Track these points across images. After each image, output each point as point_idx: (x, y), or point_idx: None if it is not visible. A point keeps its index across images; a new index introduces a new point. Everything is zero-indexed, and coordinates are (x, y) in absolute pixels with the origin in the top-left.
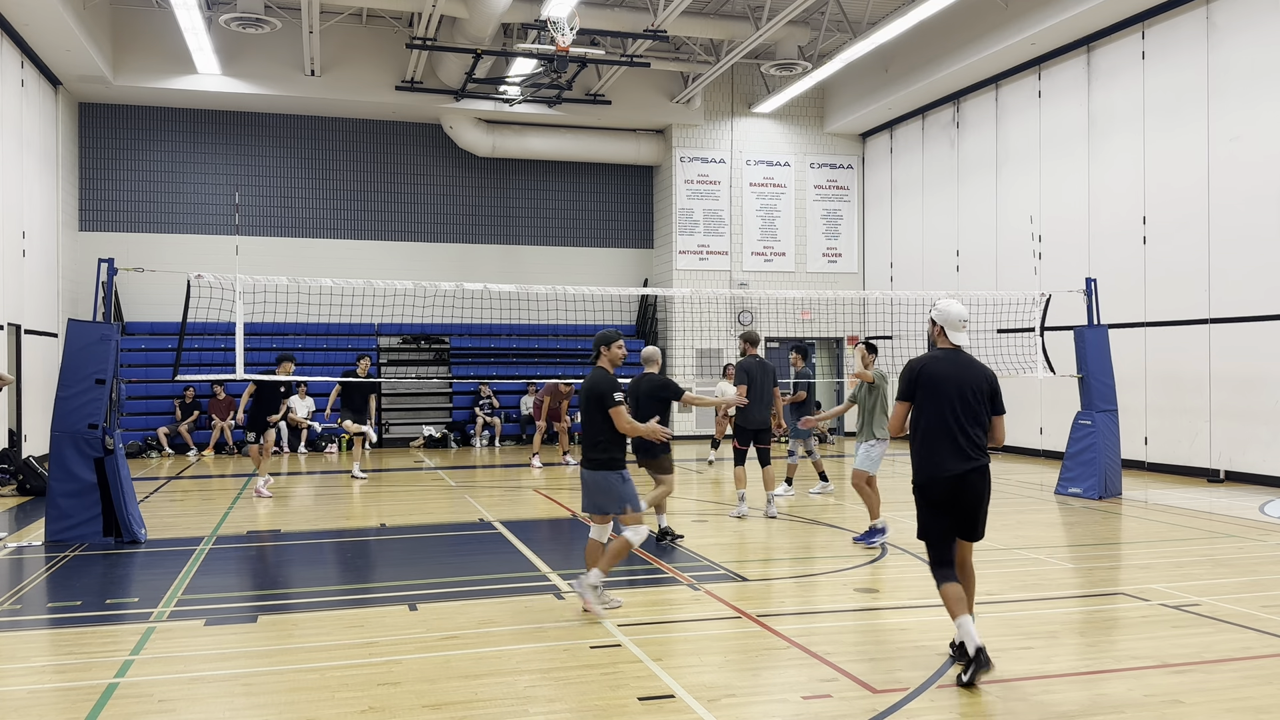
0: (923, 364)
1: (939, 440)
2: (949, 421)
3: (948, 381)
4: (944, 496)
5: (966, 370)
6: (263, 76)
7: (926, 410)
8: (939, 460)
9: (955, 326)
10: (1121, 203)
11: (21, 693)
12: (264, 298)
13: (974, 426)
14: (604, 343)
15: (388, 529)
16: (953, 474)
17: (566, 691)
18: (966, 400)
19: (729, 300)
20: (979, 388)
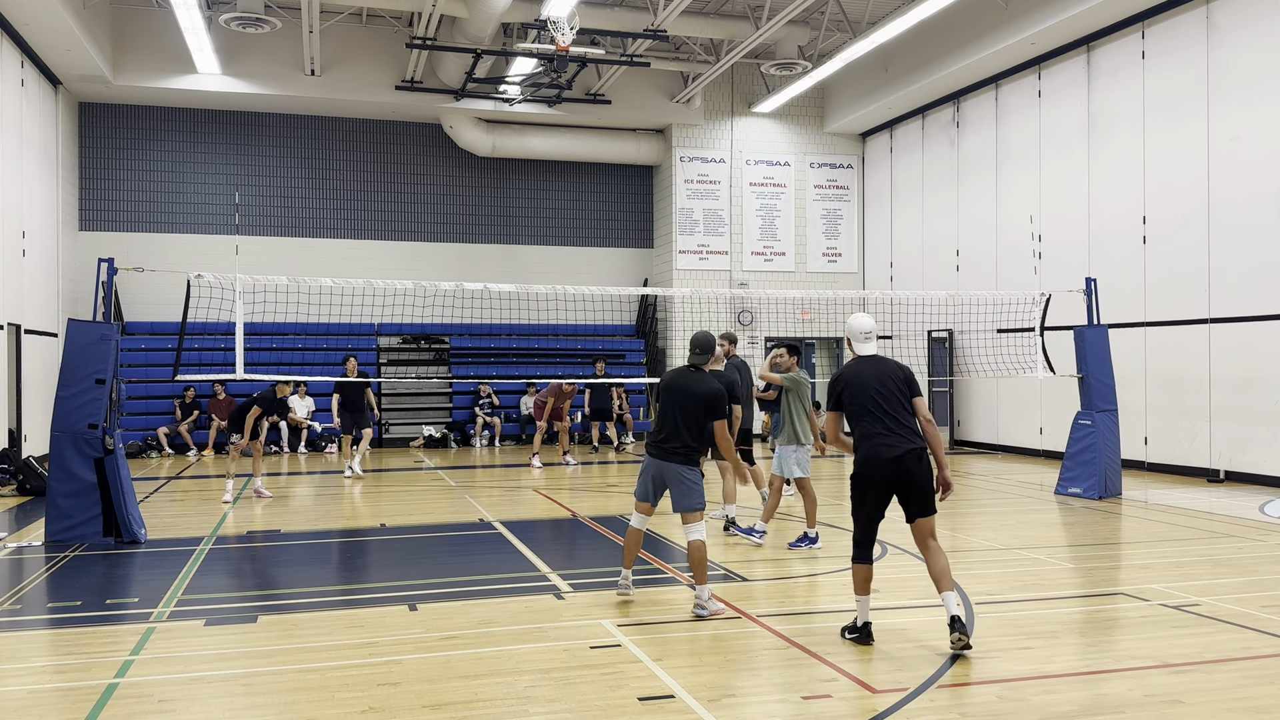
0: (840, 374)
1: (872, 431)
2: (875, 413)
3: (866, 381)
4: (883, 480)
5: (880, 367)
6: (263, 76)
7: (856, 410)
8: (874, 449)
9: (859, 339)
10: (1121, 202)
11: (21, 693)
12: (264, 298)
13: (900, 413)
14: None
15: (388, 529)
16: (888, 458)
17: (566, 691)
18: (888, 392)
19: (729, 300)
20: (895, 377)
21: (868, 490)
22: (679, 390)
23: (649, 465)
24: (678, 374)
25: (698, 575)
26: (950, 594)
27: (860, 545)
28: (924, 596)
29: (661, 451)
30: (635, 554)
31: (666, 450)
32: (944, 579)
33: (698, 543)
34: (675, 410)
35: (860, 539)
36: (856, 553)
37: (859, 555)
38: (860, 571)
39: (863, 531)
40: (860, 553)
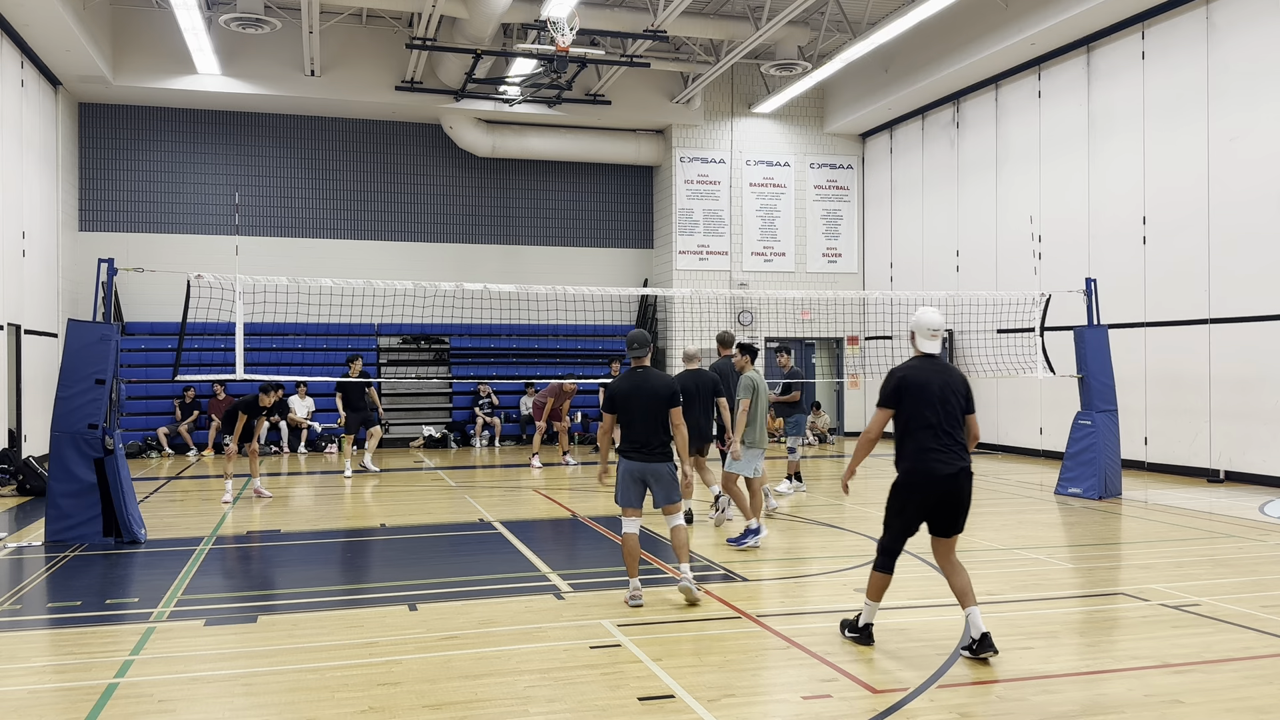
0: (904, 372)
1: (927, 444)
2: (933, 425)
3: (931, 388)
4: (934, 497)
5: (946, 375)
6: (263, 76)
7: (913, 417)
8: (929, 463)
9: (925, 335)
10: (1121, 203)
11: (21, 693)
12: (264, 298)
13: (956, 428)
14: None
15: (388, 529)
16: (944, 476)
17: (566, 691)
18: (949, 404)
19: (729, 300)
20: (958, 390)
21: (911, 504)
22: (640, 393)
23: (632, 470)
24: (630, 378)
25: (683, 555)
26: (975, 609)
27: (887, 554)
28: (924, 596)
29: (643, 455)
30: (639, 559)
31: (647, 452)
32: (967, 594)
33: (682, 527)
34: (643, 412)
35: (889, 548)
36: (881, 560)
37: (883, 564)
38: (880, 580)
39: (893, 541)
40: (885, 561)
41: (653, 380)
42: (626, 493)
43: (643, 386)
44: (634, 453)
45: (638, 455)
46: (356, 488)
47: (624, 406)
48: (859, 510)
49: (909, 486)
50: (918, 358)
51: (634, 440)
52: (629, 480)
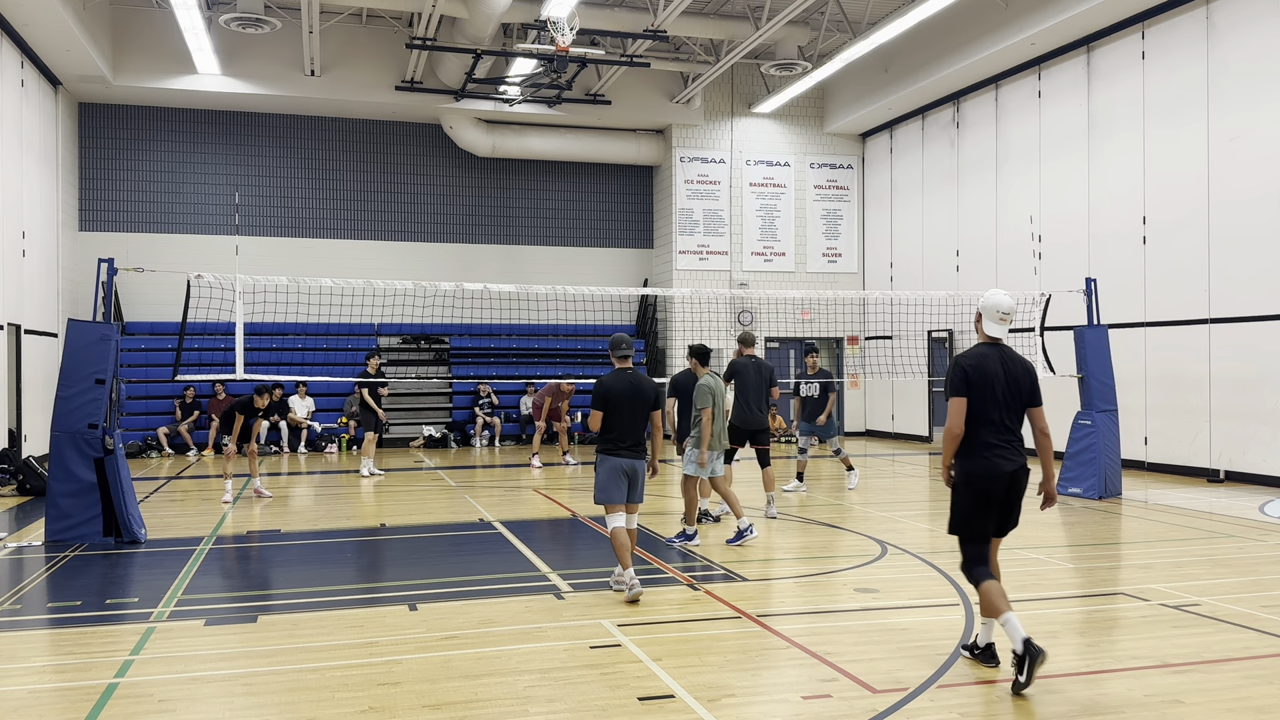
0: (971, 361)
1: (989, 439)
2: (996, 419)
3: (996, 381)
4: (1000, 494)
5: (1013, 365)
6: (263, 76)
7: (977, 411)
8: (993, 460)
9: (994, 319)
10: (1121, 203)
11: (21, 693)
12: (264, 298)
13: (1016, 422)
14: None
15: (388, 529)
16: (1006, 472)
17: (566, 691)
18: (1014, 397)
19: (729, 300)
20: (1024, 383)
21: (984, 504)
22: (631, 392)
23: (622, 466)
24: (620, 378)
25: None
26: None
27: (978, 563)
28: (924, 596)
29: (633, 451)
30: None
31: (635, 449)
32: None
33: (634, 531)
34: (631, 411)
35: (975, 557)
36: (976, 573)
37: (981, 574)
38: (990, 590)
39: (976, 549)
40: (981, 572)
41: (643, 382)
42: (614, 490)
43: (633, 386)
44: (625, 450)
45: (628, 453)
46: (355, 487)
47: (616, 405)
48: (861, 510)
49: (977, 485)
50: (984, 344)
51: (625, 438)
52: (618, 476)
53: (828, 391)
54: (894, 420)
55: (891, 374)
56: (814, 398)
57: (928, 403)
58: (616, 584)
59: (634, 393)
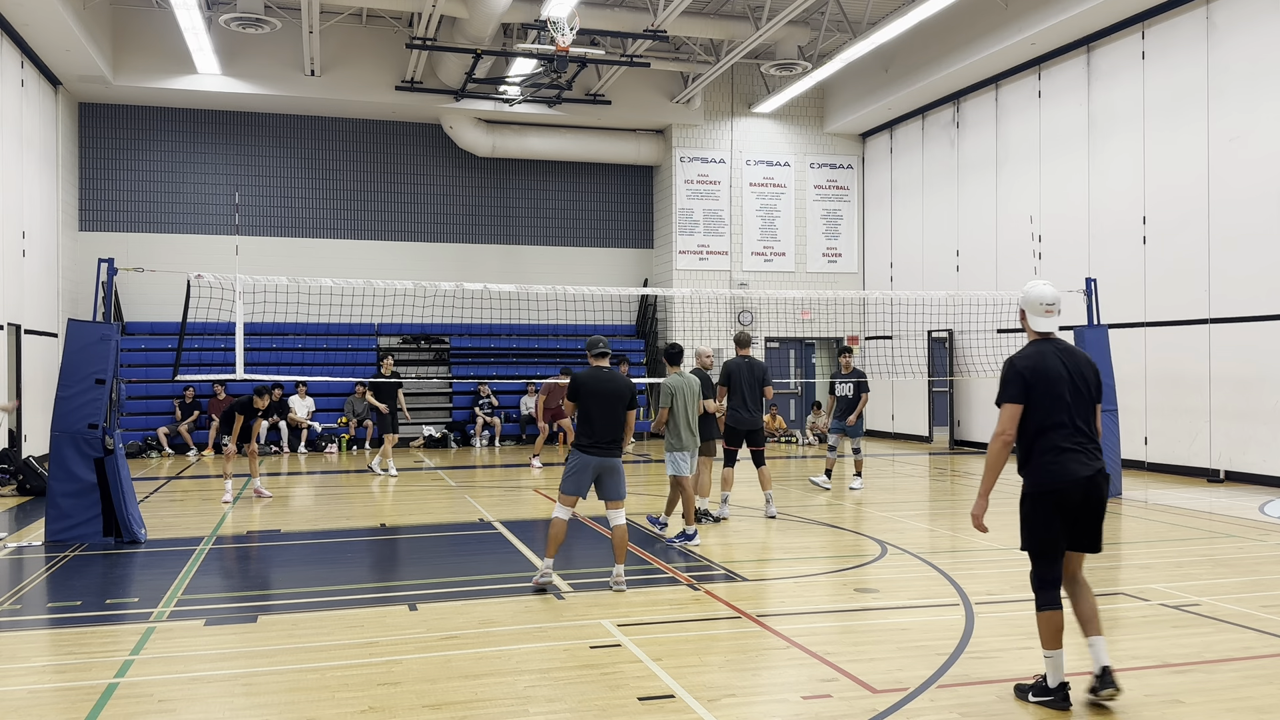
0: (1027, 361)
1: (1060, 442)
2: (1066, 420)
3: (1057, 375)
4: (1074, 504)
5: (1073, 358)
6: (263, 76)
7: (1043, 411)
8: (1066, 465)
9: (1038, 313)
10: (1121, 203)
11: (21, 693)
12: (264, 298)
13: (1090, 421)
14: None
15: (388, 529)
16: (1082, 477)
17: (566, 691)
18: (1080, 393)
19: (729, 300)
20: (1088, 377)
21: (1055, 516)
22: (605, 391)
23: (589, 463)
24: (594, 376)
25: (620, 555)
26: (1100, 639)
27: (1047, 588)
28: (924, 596)
29: (605, 450)
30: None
31: (606, 447)
32: (1093, 621)
33: (624, 526)
34: (604, 409)
35: (1046, 580)
36: (1043, 598)
37: (1047, 600)
38: (1051, 621)
39: (1047, 569)
40: (1049, 597)
41: (617, 380)
42: (577, 483)
43: (607, 384)
44: (594, 447)
45: (598, 450)
46: (354, 487)
47: (587, 400)
48: (861, 510)
49: (1047, 495)
50: (1036, 341)
51: (594, 435)
52: (584, 471)
53: (861, 391)
54: (894, 420)
55: (891, 374)
56: (848, 397)
57: (928, 403)
58: (616, 583)
59: (607, 391)
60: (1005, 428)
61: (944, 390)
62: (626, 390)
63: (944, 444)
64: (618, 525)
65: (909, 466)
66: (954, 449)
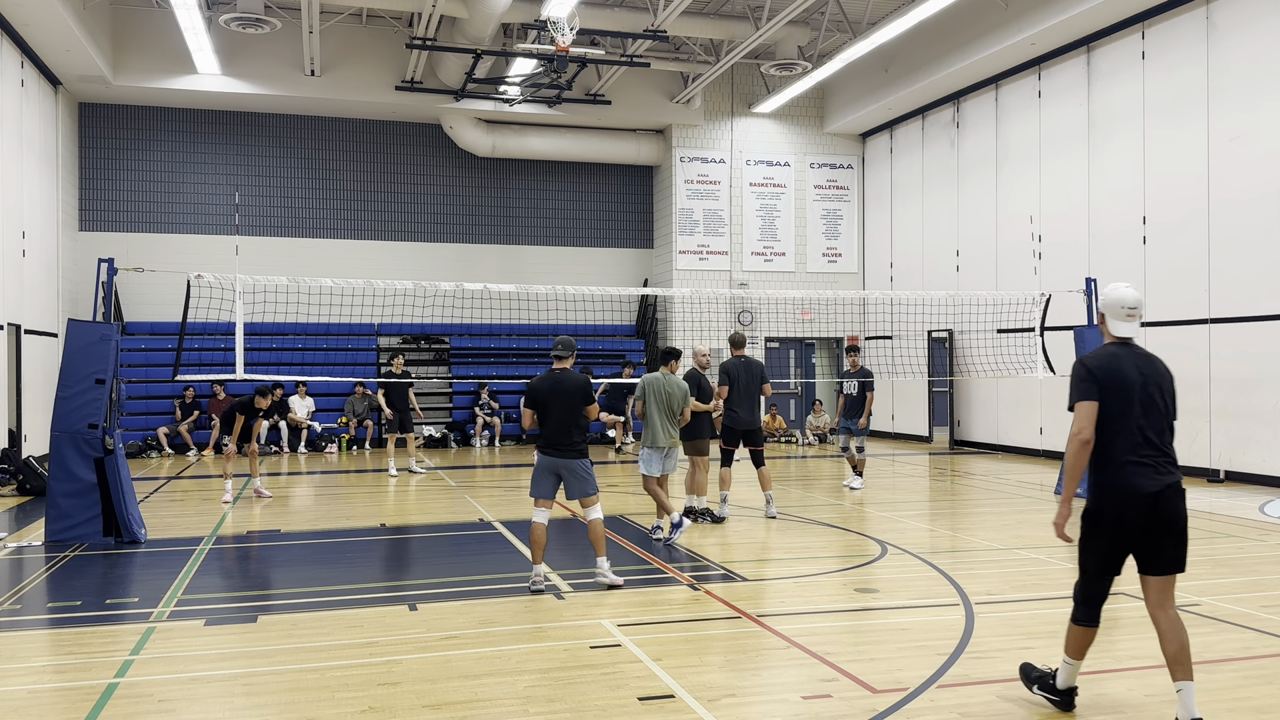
0: (1097, 362)
1: (1126, 455)
2: (1135, 430)
3: (1132, 384)
4: (1137, 521)
5: (1151, 367)
6: (263, 76)
7: (1108, 420)
8: (1130, 478)
9: (1119, 317)
10: (1121, 203)
11: (21, 693)
12: (264, 298)
13: (1164, 432)
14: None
15: (388, 529)
16: (1149, 493)
17: (566, 691)
18: (1155, 403)
19: (729, 300)
20: (1166, 387)
21: (1113, 534)
22: (558, 393)
23: (546, 464)
24: (548, 380)
25: (598, 549)
26: (1189, 685)
27: (1089, 603)
28: (924, 596)
29: (558, 450)
30: (544, 547)
31: (563, 448)
32: (1183, 663)
33: (598, 521)
34: (560, 411)
35: (1090, 595)
36: (1080, 611)
37: (1083, 615)
38: (1083, 635)
39: (1095, 586)
40: (1085, 612)
41: (568, 381)
42: (540, 485)
43: (558, 386)
44: (549, 448)
45: (552, 451)
46: (354, 487)
47: (543, 404)
48: (861, 510)
49: (1106, 511)
50: (1113, 344)
51: (548, 436)
52: (543, 473)
53: (866, 390)
54: (894, 420)
55: (891, 374)
56: (854, 395)
57: (928, 403)
58: (601, 576)
59: (560, 392)
60: (1083, 426)
61: (944, 390)
62: (578, 390)
63: (944, 444)
64: (591, 520)
65: (909, 466)
66: (954, 449)
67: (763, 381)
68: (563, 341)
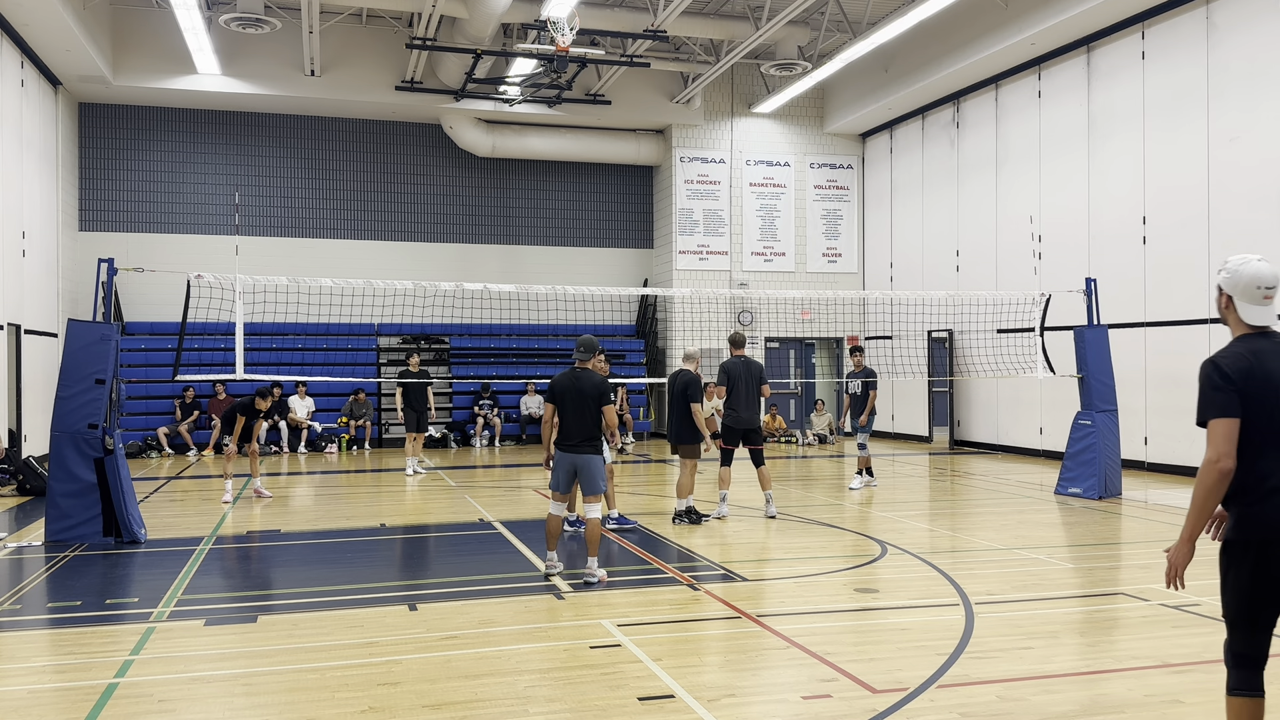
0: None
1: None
2: None
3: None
4: None
5: None
6: (263, 76)
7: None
8: None
9: (1255, 301)
10: (1121, 203)
11: (21, 693)
12: (264, 298)
13: None
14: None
15: (388, 529)
16: None
17: (566, 691)
18: None
19: (729, 300)
20: None
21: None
22: (573, 391)
23: (562, 460)
24: (567, 377)
25: (592, 549)
26: None
27: (1246, 665)
28: (924, 596)
29: (572, 446)
30: (558, 537)
31: (577, 444)
32: None
33: (596, 520)
34: (575, 409)
35: (1247, 654)
36: (1239, 677)
37: (1244, 681)
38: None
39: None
40: (1241, 678)
41: (585, 380)
42: (556, 479)
43: (576, 384)
44: (564, 443)
45: (566, 447)
46: (354, 487)
47: (560, 400)
48: (861, 510)
49: (1252, 546)
50: (1248, 337)
51: (565, 432)
52: (560, 468)
53: (869, 389)
54: (894, 420)
55: (892, 374)
56: (859, 395)
57: (928, 403)
58: (588, 577)
59: (577, 391)
60: (1221, 452)
61: (944, 390)
62: (591, 386)
63: (944, 444)
64: (590, 519)
65: (909, 466)
66: (954, 449)
67: (761, 383)
68: (584, 342)
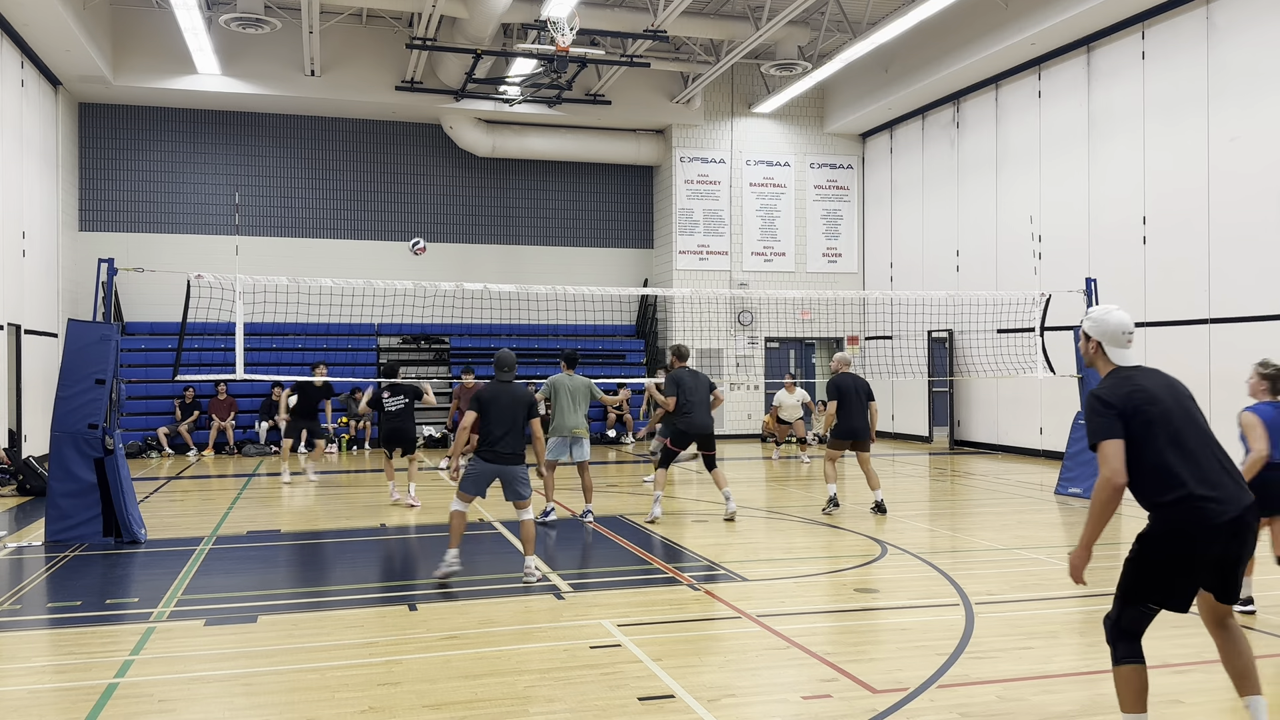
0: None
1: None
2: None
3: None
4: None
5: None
6: (263, 76)
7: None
8: (1197, 510)
9: (1119, 343)
10: (1121, 203)
11: (21, 693)
12: (264, 298)
13: (1218, 449)
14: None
15: (388, 529)
16: (1222, 522)
17: (566, 691)
18: (1193, 419)
19: (729, 300)
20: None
21: (1182, 570)
22: (502, 402)
23: (487, 470)
24: (493, 388)
25: (528, 548)
26: (1259, 700)
27: (1131, 637)
28: (924, 596)
29: (498, 456)
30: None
31: (503, 455)
32: (1249, 677)
33: (530, 521)
34: (500, 419)
35: (1133, 629)
36: (1125, 649)
37: (1130, 652)
38: (1135, 676)
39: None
40: (1130, 648)
41: (512, 393)
42: (474, 484)
43: (503, 395)
44: (489, 453)
45: (492, 457)
46: (354, 487)
47: (485, 411)
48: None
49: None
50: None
51: (490, 443)
52: (482, 477)
53: None
54: (894, 420)
55: (892, 374)
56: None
57: (928, 403)
58: (526, 575)
59: (506, 404)
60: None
61: (944, 390)
62: (522, 398)
63: (944, 444)
64: (524, 521)
65: (909, 466)
66: (954, 449)
67: (711, 389)
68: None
